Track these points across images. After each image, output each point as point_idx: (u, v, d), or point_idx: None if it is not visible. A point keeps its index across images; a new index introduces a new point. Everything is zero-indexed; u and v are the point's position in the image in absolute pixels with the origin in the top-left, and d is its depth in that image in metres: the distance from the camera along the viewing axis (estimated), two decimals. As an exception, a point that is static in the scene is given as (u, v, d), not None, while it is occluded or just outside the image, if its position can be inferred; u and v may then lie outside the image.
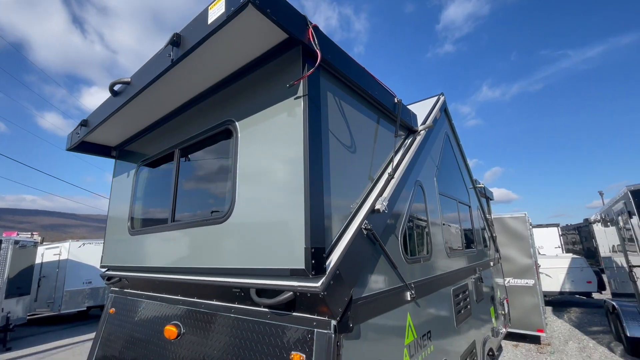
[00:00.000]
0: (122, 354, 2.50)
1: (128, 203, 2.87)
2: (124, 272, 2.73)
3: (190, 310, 2.10)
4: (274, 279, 1.57)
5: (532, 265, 6.73)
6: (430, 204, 2.87)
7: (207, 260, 1.94)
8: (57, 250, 11.27)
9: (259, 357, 1.59)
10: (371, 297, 1.75)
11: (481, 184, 5.27)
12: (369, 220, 1.81)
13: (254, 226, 1.71)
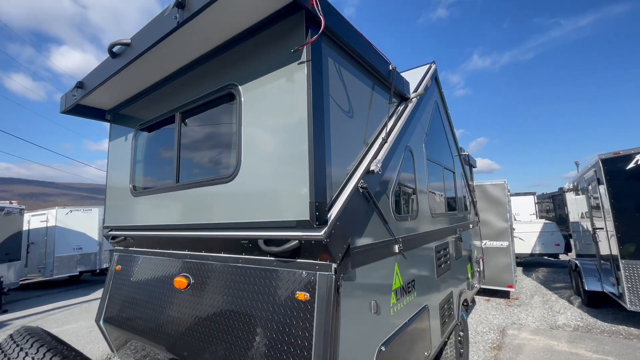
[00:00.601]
0: (133, 306, 2.70)
1: (128, 166, 2.93)
2: (129, 232, 2.87)
3: (198, 263, 2.29)
4: (281, 231, 1.75)
5: (507, 229, 7.26)
6: (418, 169, 3.07)
7: (214, 217, 2.10)
8: (43, 217, 11.18)
9: (267, 299, 1.81)
10: (365, 247, 1.97)
11: (465, 152, 5.53)
12: (365, 180, 1.98)
13: (261, 184, 1.86)
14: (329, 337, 1.56)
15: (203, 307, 2.12)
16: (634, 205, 5.07)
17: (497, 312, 6.48)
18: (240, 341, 1.85)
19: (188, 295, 2.26)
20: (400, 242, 2.42)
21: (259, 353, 1.75)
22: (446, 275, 3.54)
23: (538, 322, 5.86)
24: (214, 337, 2.00)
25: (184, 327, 2.20)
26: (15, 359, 1.58)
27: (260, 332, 1.78)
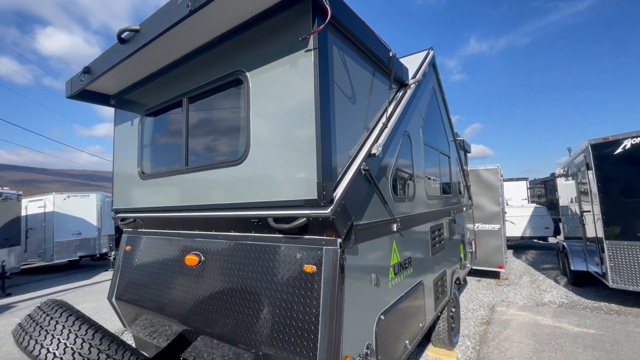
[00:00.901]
0: (144, 283, 2.85)
1: (135, 150, 3.02)
2: (138, 214, 2.98)
3: (208, 241, 2.42)
4: (289, 210, 1.88)
5: (499, 212, 7.50)
6: (415, 153, 3.20)
7: (224, 198, 2.22)
8: (41, 203, 11.19)
9: (276, 272, 1.96)
10: (367, 224, 2.12)
11: (461, 137, 5.66)
12: (367, 162, 2.11)
13: (270, 166, 1.97)
14: (335, 305, 1.72)
15: (214, 281, 2.27)
16: (620, 189, 5.29)
17: (487, 291, 6.79)
18: (252, 311, 2.01)
19: (199, 272, 2.40)
20: (398, 221, 2.57)
21: (270, 321, 1.91)
22: (440, 255, 3.74)
23: (525, 299, 6.17)
24: (226, 308, 2.16)
25: (196, 301, 2.35)
26: (47, 327, 1.72)
27: (270, 302, 1.94)
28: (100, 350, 1.74)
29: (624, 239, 5.16)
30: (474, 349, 4.18)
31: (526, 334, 4.53)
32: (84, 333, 1.75)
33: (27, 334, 1.71)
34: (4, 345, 4.90)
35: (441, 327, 3.97)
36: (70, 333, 1.72)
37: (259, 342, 1.94)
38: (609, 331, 4.54)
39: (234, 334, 2.08)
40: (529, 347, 4.14)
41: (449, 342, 4.00)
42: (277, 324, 1.88)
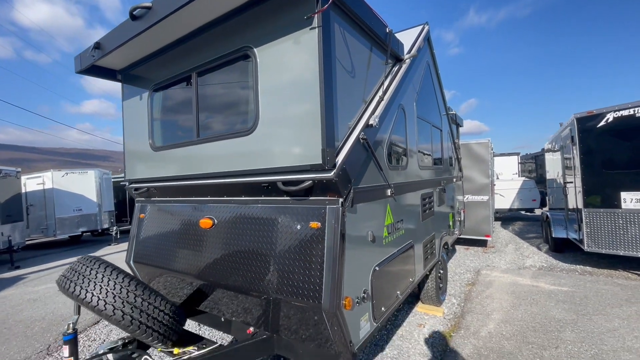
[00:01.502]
0: (161, 246, 3.12)
1: (145, 124, 3.19)
2: (151, 184, 3.21)
3: (220, 206, 2.68)
4: (296, 174, 2.13)
5: (488, 185, 7.86)
6: (409, 125, 3.43)
7: (235, 165, 2.45)
8: (39, 180, 11.28)
9: (285, 229, 2.23)
10: (364, 188, 2.38)
11: (453, 112, 5.87)
12: (365, 132, 2.34)
13: (278, 135, 2.20)
14: (337, 255, 2.01)
15: (228, 241, 2.55)
16: (600, 161, 5.61)
17: (474, 258, 7.27)
18: (263, 264, 2.30)
19: (214, 233, 2.67)
20: (392, 187, 2.84)
21: (281, 271, 2.20)
22: (430, 220, 4.06)
23: (509, 264, 6.66)
24: (239, 263, 2.45)
25: (211, 258, 2.64)
26: (88, 275, 1.99)
27: (280, 255, 2.23)
28: (136, 295, 2.03)
29: (601, 207, 5.56)
30: (459, 305, 4.62)
31: (506, 292, 5.00)
32: (120, 280, 2.03)
33: (71, 282, 1.98)
34: (24, 310, 5.25)
35: (429, 286, 4.38)
36: (109, 280, 1.99)
37: (270, 289, 2.24)
38: (580, 288, 5.03)
39: (247, 285, 2.38)
40: (507, 302, 4.59)
41: (437, 300, 4.43)
42: (286, 272, 2.17)
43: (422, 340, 3.66)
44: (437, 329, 3.92)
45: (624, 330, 3.65)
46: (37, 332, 4.33)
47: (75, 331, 1.94)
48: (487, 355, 3.28)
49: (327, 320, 2.00)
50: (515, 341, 3.53)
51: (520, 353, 3.29)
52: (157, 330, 2.10)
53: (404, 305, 4.61)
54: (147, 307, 2.05)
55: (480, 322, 4.03)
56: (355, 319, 2.18)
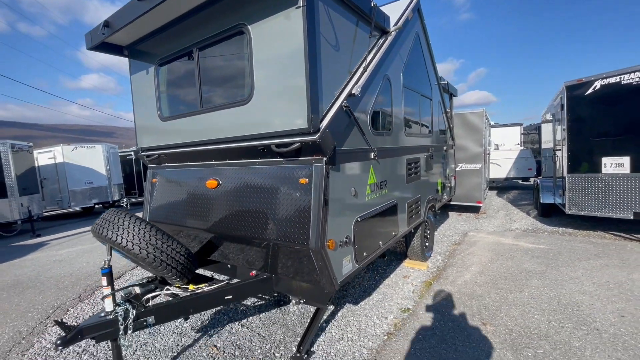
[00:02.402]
0: (173, 205, 3.55)
1: (153, 96, 3.51)
2: (161, 151, 3.58)
3: (223, 169, 3.06)
4: (286, 138, 2.48)
5: (481, 153, 8.15)
6: (395, 94, 3.70)
7: (235, 131, 2.80)
8: (50, 154, 11.73)
9: (279, 186, 2.62)
10: (348, 150, 2.73)
11: (445, 81, 6.06)
12: (347, 101, 2.65)
13: (271, 104, 2.52)
14: (321, 205, 2.40)
15: (232, 198, 2.96)
16: (586, 128, 5.85)
17: (465, 223, 7.72)
18: (262, 216, 2.72)
19: (219, 192, 3.08)
20: (375, 151, 3.19)
21: (276, 221, 2.62)
22: (415, 183, 4.44)
23: (496, 227, 7.11)
24: (242, 216, 2.87)
25: (218, 214, 3.06)
26: (117, 223, 2.42)
27: (275, 207, 2.63)
28: (157, 239, 2.47)
29: (583, 172, 5.87)
30: (442, 261, 5.11)
31: (487, 250, 5.47)
32: (144, 227, 2.46)
33: (104, 228, 2.41)
34: (52, 269, 5.85)
35: (415, 244, 4.84)
36: (135, 226, 2.43)
37: (267, 236, 2.67)
38: (556, 246, 5.47)
39: (248, 234, 2.81)
40: (486, 258, 5.07)
41: (422, 256, 4.90)
42: (280, 221, 2.59)
43: (405, 288, 4.16)
44: (420, 279, 4.41)
45: (585, 278, 4.11)
46: (67, 285, 4.93)
47: (110, 266, 2.40)
48: (459, 297, 3.78)
49: (314, 257, 2.44)
50: (487, 287, 4.01)
51: (488, 295, 3.78)
52: (175, 267, 2.55)
53: (393, 261, 5.11)
54: (166, 249, 2.50)
55: (459, 273, 4.52)
56: (338, 259, 2.62)
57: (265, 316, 3.61)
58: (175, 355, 2.99)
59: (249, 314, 3.69)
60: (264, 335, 3.23)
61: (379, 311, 3.60)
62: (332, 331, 3.25)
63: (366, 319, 3.44)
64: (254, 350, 3.00)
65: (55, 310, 4.08)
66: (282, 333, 3.26)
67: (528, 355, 2.70)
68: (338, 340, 3.09)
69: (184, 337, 3.29)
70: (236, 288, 2.81)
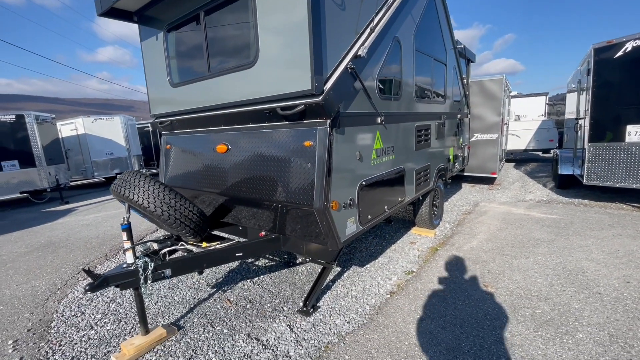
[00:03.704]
0: (186, 170, 3.70)
1: (163, 62, 3.56)
2: (173, 117, 3.68)
3: (232, 133, 3.14)
4: (291, 101, 2.50)
5: (498, 123, 7.88)
6: (405, 57, 3.60)
7: (242, 95, 2.84)
8: (72, 126, 12.16)
9: (285, 148, 2.68)
10: (353, 114, 2.74)
11: (462, 45, 5.77)
12: (353, 62, 2.62)
13: (275, 66, 2.53)
14: (325, 167, 2.47)
15: (241, 161, 3.06)
16: (612, 94, 5.52)
17: (477, 194, 7.66)
18: (270, 178, 2.82)
19: (229, 156, 3.18)
20: (382, 116, 3.17)
21: (283, 182, 2.71)
22: (425, 151, 4.41)
23: (509, 198, 7.02)
24: (251, 179, 2.98)
25: (229, 177, 3.18)
26: (135, 183, 2.58)
27: (282, 170, 2.71)
28: (171, 198, 2.63)
29: (605, 141, 5.62)
30: (451, 229, 5.16)
31: (497, 219, 5.46)
32: (159, 187, 2.62)
33: (123, 188, 2.58)
34: (81, 232, 6.29)
35: (423, 211, 4.89)
36: (151, 186, 2.58)
37: (275, 198, 2.78)
38: (569, 216, 5.40)
39: (257, 196, 2.94)
40: (495, 226, 5.08)
41: (430, 224, 4.96)
42: (287, 183, 2.68)
43: (411, 253, 4.27)
44: (426, 245, 4.51)
45: (594, 246, 4.09)
46: (94, 246, 5.32)
47: (129, 223, 2.59)
48: (463, 262, 3.86)
49: (318, 217, 2.54)
50: (492, 253, 4.07)
51: (493, 261, 3.85)
52: (188, 225, 2.73)
53: (400, 228, 5.20)
54: (179, 207, 2.66)
55: (466, 240, 4.57)
56: (342, 219, 2.72)
57: (276, 275, 3.83)
58: (192, 307, 3.26)
59: (260, 273, 3.92)
60: (273, 292, 3.45)
61: (383, 273, 3.74)
62: (337, 289, 3.43)
63: (370, 280, 3.59)
64: (264, 305, 3.22)
65: (86, 266, 4.45)
66: (290, 290, 3.47)
67: (525, 314, 2.79)
68: (342, 297, 3.27)
69: (200, 291, 3.56)
70: (246, 246, 2.99)
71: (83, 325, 3.05)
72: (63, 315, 3.23)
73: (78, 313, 3.26)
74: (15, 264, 4.71)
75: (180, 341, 2.73)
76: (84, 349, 2.70)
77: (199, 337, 2.77)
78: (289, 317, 2.98)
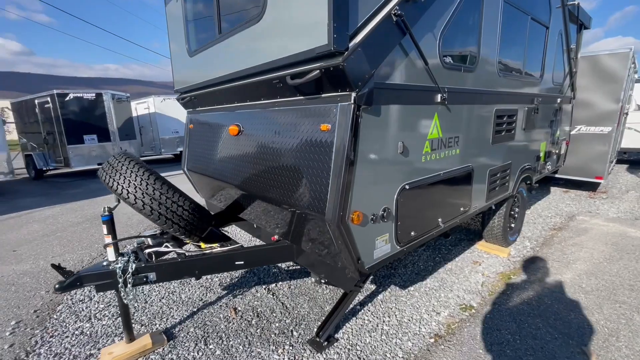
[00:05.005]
0: (203, 154, 3.24)
1: (182, 27, 3.07)
2: (191, 92, 3.21)
3: (244, 112, 2.52)
4: (305, 65, 1.75)
5: (615, 112, 5.96)
6: (488, 10, 2.53)
7: (249, 60, 2.17)
8: (145, 105, 13.09)
9: (298, 134, 1.96)
10: (396, 85, 1.88)
11: (574, 2, 4.22)
12: (401, 7, 1.74)
13: (285, 17, 1.80)
14: (344, 163, 1.69)
15: (252, 148, 2.44)
16: None
17: (572, 202, 5.99)
18: (279, 170, 2.14)
19: (240, 140, 2.58)
20: (445, 92, 2.22)
21: (294, 177, 2.01)
22: (505, 145, 3.27)
23: (620, 213, 5.28)
24: (261, 171, 2.34)
25: (240, 166, 2.60)
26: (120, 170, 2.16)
27: (293, 163, 2.01)
28: (155, 188, 2.15)
29: None
30: (532, 249, 3.92)
31: (604, 242, 4.01)
32: (145, 176, 2.16)
33: (107, 174, 2.18)
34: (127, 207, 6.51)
35: (495, 223, 3.76)
36: (135, 175, 2.14)
37: (286, 198, 2.10)
38: None
39: (268, 193, 2.29)
40: (601, 254, 3.69)
41: (503, 240, 3.82)
42: (298, 181, 1.97)
43: (472, 278, 3.26)
44: (494, 269, 3.43)
45: None
46: (134, 223, 5.37)
47: (111, 214, 2.19)
48: (549, 304, 2.75)
49: (331, 232, 1.80)
50: (598, 297, 2.85)
51: (599, 310, 2.66)
52: (176, 223, 2.23)
53: (462, 241, 4.15)
54: (164, 200, 2.16)
55: (555, 269, 3.36)
56: (368, 237, 1.93)
57: (296, 284, 3.22)
58: (195, 310, 2.84)
59: (279, 278, 3.35)
60: (287, 307, 2.85)
61: (430, 303, 2.86)
62: (365, 317, 2.68)
63: (411, 310, 2.75)
64: (271, 322, 2.64)
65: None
66: (308, 307, 2.83)
67: (664, 423, 1.70)
68: (370, 330, 2.51)
69: (210, 291, 3.14)
70: (249, 253, 2.40)
71: (83, 315, 2.84)
72: (72, 299, 3.09)
73: (86, 298, 3.09)
74: (63, 234, 4.94)
75: (165, 357, 2.30)
76: (70, 346, 2.44)
77: (186, 355, 2.30)
78: (295, 347, 2.35)
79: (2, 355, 2.37)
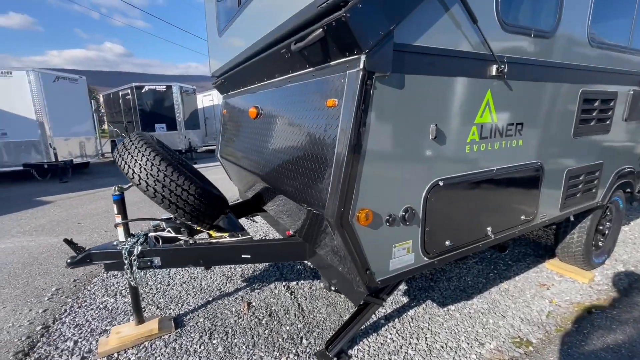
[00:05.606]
0: (232, 140, 3.12)
1: (214, 7, 2.97)
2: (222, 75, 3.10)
3: (263, 92, 2.30)
4: (310, 26, 1.43)
5: None
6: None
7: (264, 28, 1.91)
8: (210, 97, 13.96)
9: (306, 114, 1.65)
10: (430, 49, 1.44)
11: None
12: (439, -58, 1.30)
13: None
14: (349, 148, 1.33)
15: (268, 133, 2.20)
16: None
17: (693, 220, 4.59)
18: (290, 156, 1.86)
19: (260, 124, 2.37)
20: (505, 63, 1.69)
21: (299, 163, 1.72)
22: (595, 139, 2.51)
23: None
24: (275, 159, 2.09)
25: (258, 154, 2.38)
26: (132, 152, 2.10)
27: (300, 150, 1.71)
28: (159, 170, 2.04)
29: None
30: (627, 277, 3.03)
31: None
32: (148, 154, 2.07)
33: (120, 157, 2.15)
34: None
35: (575, 239, 2.98)
36: (140, 153, 2.06)
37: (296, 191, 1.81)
38: None
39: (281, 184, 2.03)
40: None
41: (584, 261, 3.01)
42: (303, 169, 1.67)
43: (534, 304, 2.60)
44: (569, 297, 2.70)
45: None
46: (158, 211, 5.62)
47: (122, 193, 2.16)
48: None
49: (333, 233, 1.46)
50: None
51: None
52: (181, 207, 2.11)
53: (527, 256, 3.40)
54: (169, 184, 2.04)
55: (660, 308, 2.50)
56: (381, 242, 1.54)
57: (317, 285, 2.94)
58: (210, 300, 2.75)
59: (302, 276, 3.10)
60: (304, 309, 2.59)
61: (473, 329, 2.32)
62: (388, 335, 2.27)
63: (447, 335, 2.26)
64: (282, 325, 2.40)
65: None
66: (325, 313, 2.53)
67: None
68: (391, 352, 2.11)
69: (230, 282, 3.03)
70: (257, 247, 2.18)
71: (112, 290, 2.96)
72: (108, 273, 3.25)
73: (119, 274, 3.23)
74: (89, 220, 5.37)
75: (168, 345, 2.22)
76: (91, 319, 2.52)
77: (188, 347, 2.20)
78: (300, 358, 2.07)
79: (35, 318, 2.55)
